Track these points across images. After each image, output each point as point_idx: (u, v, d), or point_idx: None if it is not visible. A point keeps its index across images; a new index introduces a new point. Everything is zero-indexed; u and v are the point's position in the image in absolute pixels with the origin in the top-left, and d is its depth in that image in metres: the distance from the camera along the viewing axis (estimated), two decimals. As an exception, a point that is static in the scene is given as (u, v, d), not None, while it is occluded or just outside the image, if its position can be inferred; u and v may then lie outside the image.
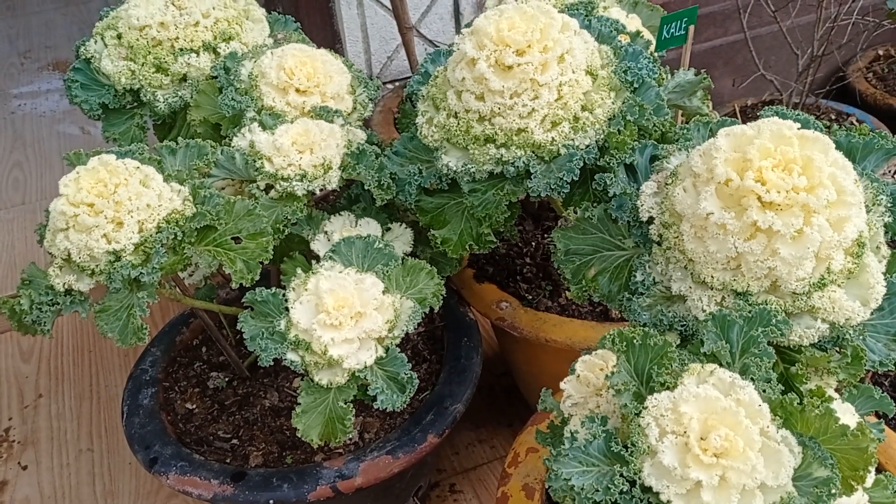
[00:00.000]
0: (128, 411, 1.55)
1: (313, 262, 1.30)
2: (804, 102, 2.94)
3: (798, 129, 1.10)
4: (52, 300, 1.24)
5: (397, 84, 2.79)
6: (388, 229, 1.49)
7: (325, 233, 1.44)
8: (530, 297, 1.72)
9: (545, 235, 1.89)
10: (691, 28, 1.55)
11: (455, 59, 1.35)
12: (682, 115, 1.61)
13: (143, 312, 1.21)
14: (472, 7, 2.75)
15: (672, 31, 1.53)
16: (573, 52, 1.30)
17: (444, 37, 2.78)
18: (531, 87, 1.28)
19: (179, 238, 1.22)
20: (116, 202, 1.19)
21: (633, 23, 1.61)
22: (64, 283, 1.23)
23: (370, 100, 1.62)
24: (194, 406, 1.59)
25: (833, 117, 3.05)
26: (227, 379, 1.64)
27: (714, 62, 3.28)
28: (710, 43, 3.26)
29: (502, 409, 2.11)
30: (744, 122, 2.99)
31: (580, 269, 1.28)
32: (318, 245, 1.43)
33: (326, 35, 2.68)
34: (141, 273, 1.17)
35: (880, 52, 3.46)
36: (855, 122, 3.01)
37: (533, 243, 1.87)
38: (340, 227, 1.44)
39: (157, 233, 1.21)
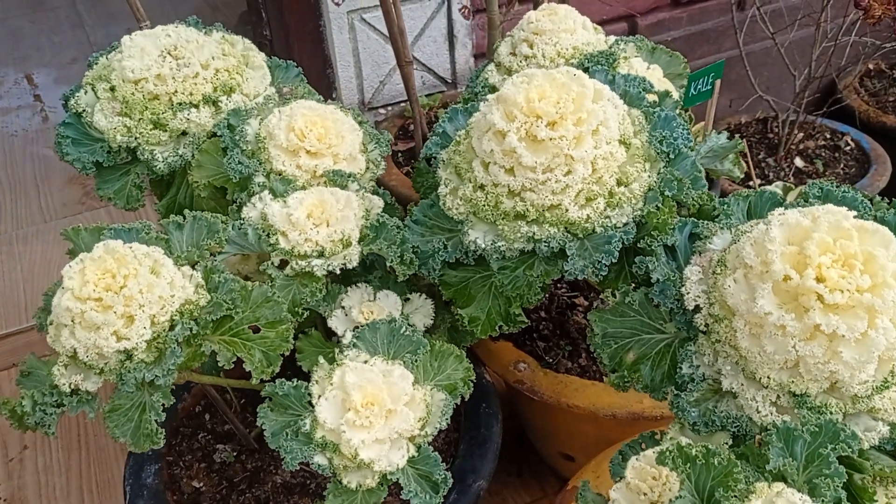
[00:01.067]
0: (131, 492, 1.46)
1: (336, 351, 1.22)
2: (800, 121, 2.91)
3: (854, 217, 1.05)
4: (56, 401, 1.15)
5: (390, 109, 2.71)
6: (407, 300, 1.42)
7: (343, 308, 1.36)
8: (549, 359, 1.66)
9: (558, 286, 1.83)
10: (717, 82, 1.49)
11: (481, 128, 1.28)
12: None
13: (159, 416, 1.12)
14: (467, 30, 2.67)
15: (699, 87, 1.47)
16: (608, 123, 1.23)
17: (437, 60, 2.70)
18: (565, 161, 1.21)
19: (195, 332, 1.14)
20: (127, 297, 1.10)
21: (655, 74, 1.55)
22: (70, 384, 1.14)
23: (381, 157, 1.53)
24: (201, 484, 1.51)
25: (828, 136, 3.03)
26: (234, 452, 1.56)
27: (707, 79, 3.24)
28: (704, 60, 3.21)
29: (511, 457, 2.05)
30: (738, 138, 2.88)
31: (617, 352, 1.22)
32: (336, 322, 1.35)
33: (317, 60, 2.59)
34: (156, 376, 1.09)
35: (871, 67, 3.44)
36: (850, 140, 2.99)
37: (546, 295, 1.80)
38: (359, 301, 1.36)
39: (170, 329, 1.12)
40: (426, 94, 2.67)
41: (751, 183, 2.66)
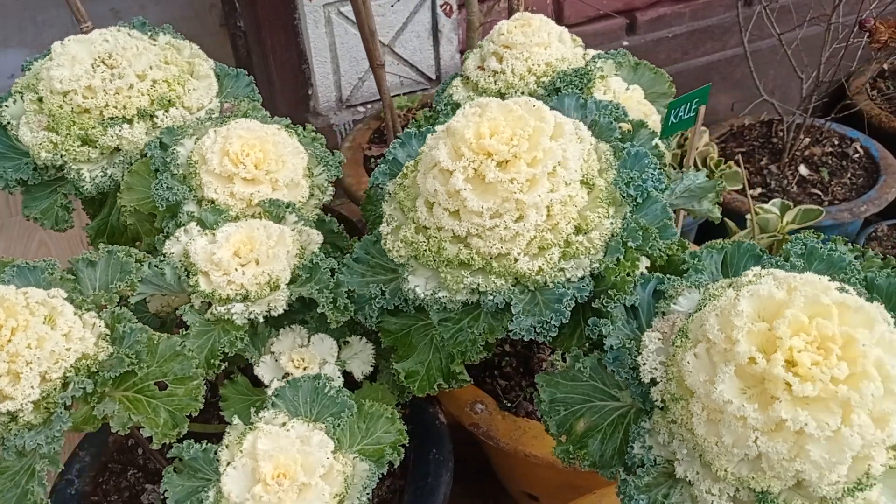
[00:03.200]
0: (48, 539, 1.35)
1: (262, 412, 1.10)
2: (806, 125, 2.75)
3: (836, 289, 0.91)
4: (-67, 465, 1.03)
5: (369, 107, 2.57)
6: (346, 342, 1.29)
7: (272, 353, 1.24)
8: (507, 401, 1.53)
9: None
10: (702, 108, 1.34)
11: (426, 164, 1.15)
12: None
13: (43, 487, 1.00)
14: (453, 24, 2.52)
15: (680, 114, 1.32)
16: (567, 164, 1.10)
17: (420, 56, 2.55)
18: (515, 207, 1.07)
19: (90, 390, 1.02)
20: (11, 353, 0.98)
21: (634, 95, 1.41)
22: (-53, 446, 1.02)
23: (329, 182, 1.40)
24: (125, 531, 1.40)
25: (836, 142, 2.87)
26: (163, 497, 1.45)
27: (710, 77, 3.06)
28: (708, 58, 3.05)
29: (475, 491, 1.93)
30: (738, 144, 2.71)
31: (567, 419, 1.10)
32: (264, 369, 1.23)
33: (291, 55, 2.44)
34: (38, 444, 0.97)
35: (885, 68, 3.26)
36: (859, 147, 2.83)
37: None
38: (290, 346, 1.24)
39: (62, 388, 1.00)
40: (406, 93, 2.53)
41: (748, 193, 2.51)
